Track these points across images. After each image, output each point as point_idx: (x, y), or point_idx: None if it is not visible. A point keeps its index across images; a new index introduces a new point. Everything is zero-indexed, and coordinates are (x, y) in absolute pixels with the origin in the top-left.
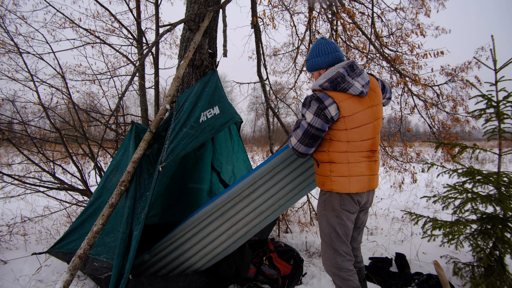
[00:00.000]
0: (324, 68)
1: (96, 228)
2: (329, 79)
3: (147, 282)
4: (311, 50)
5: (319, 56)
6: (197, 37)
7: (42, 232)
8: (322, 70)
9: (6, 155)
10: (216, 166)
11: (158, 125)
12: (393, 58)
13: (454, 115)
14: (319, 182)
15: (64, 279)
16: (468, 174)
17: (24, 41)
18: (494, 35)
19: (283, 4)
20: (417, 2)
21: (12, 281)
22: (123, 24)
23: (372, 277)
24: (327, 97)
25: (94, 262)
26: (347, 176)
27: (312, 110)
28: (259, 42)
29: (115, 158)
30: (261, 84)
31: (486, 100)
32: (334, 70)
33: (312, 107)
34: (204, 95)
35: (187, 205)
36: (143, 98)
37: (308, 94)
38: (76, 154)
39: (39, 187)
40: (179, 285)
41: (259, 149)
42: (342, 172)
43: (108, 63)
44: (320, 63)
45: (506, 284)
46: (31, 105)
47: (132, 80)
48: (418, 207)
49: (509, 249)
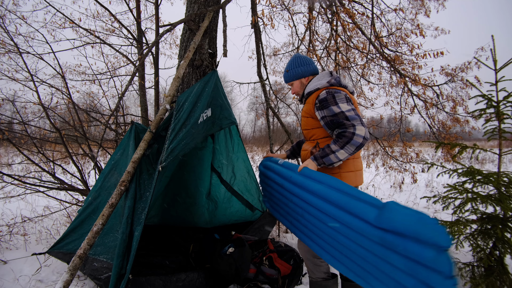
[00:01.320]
0: (307, 77)
1: (96, 228)
2: (333, 77)
3: (147, 282)
4: (290, 62)
5: (302, 66)
6: (197, 37)
7: (42, 232)
8: (304, 79)
9: (6, 155)
10: (217, 166)
11: (158, 125)
12: (393, 58)
13: (454, 115)
14: None
15: (64, 279)
16: (468, 174)
17: (24, 41)
18: (494, 35)
19: (283, 4)
20: (416, 3)
21: (12, 281)
22: (123, 24)
23: None
24: (340, 91)
25: (94, 262)
26: (353, 171)
27: (341, 100)
28: (259, 42)
29: (113, 158)
30: (261, 84)
31: (486, 100)
32: (325, 73)
33: (339, 97)
34: (204, 95)
35: (186, 206)
36: (143, 98)
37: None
38: (76, 154)
39: (39, 187)
40: (179, 285)
41: (259, 149)
42: (349, 168)
43: (108, 63)
44: (304, 71)
45: (506, 284)
46: (31, 105)
47: (132, 80)
48: (418, 207)
49: (509, 249)
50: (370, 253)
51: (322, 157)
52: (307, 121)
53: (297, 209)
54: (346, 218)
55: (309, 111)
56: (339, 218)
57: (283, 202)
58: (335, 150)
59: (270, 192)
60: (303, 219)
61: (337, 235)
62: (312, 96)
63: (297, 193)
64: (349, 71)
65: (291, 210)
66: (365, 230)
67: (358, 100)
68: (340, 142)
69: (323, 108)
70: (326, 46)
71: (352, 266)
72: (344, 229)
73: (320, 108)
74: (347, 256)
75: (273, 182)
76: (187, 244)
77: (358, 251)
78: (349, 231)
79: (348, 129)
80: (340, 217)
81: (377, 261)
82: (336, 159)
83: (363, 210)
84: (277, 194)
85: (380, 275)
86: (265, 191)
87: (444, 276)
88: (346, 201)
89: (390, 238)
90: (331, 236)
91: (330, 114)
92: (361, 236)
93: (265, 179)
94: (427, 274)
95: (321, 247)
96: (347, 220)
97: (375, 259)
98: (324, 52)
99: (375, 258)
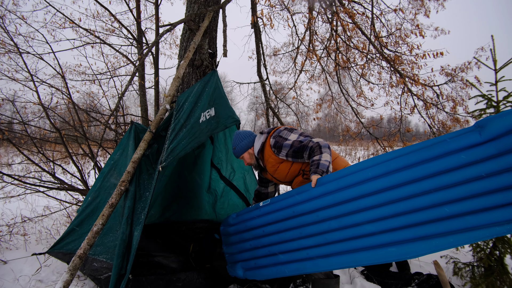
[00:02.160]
0: (251, 146)
1: (96, 228)
2: (265, 131)
3: (147, 282)
4: (233, 140)
5: (245, 139)
6: (197, 37)
7: (42, 232)
8: (251, 149)
9: (6, 155)
10: (216, 163)
11: (158, 125)
12: (392, 59)
13: (454, 115)
14: None
15: (64, 279)
16: None
17: (24, 41)
18: (494, 35)
19: (282, 4)
20: (416, 3)
21: (12, 281)
22: (123, 24)
23: (372, 277)
24: (279, 129)
25: (93, 263)
26: (338, 156)
27: (287, 134)
28: (259, 42)
29: (112, 158)
30: (261, 84)
31: (486, 100)
32: (257, 134)
33: (284, 134)
34: (204, 95)
35: (188, 201)
36: (143, 98)
37: (308, 94)
38: (76, 154)
39: (39, 187)
40: (179, 285)
41: None
42: (334, 156)
43: (108, 63)
44: (248, 142)
45: (506, 284)
46: (31, 105)
47: (132, 80)
48: None
49: (509, 249)
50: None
51: (317, 167)
52: (280, 170)
53: (285, 234)
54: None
55: (275, 161)
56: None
57: (260, 243)
58: (320, 157)
59: (241, 245)
60: (287, 244)
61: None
62: (265, 150)
63: (292, 212)
64: (349, 71)
65: (270, 244)
66: (478, 153)
67: (358, 100)
68: (317, 151)
69: (280, 148)
70: (326, 46)
71: (403, 234)
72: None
73: (279, 150)
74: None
75: (244, 230)
76: (187, 244)
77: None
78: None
79: (310, 145)
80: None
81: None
82: (327, 161)
83: (466, 139)
84: (251, 239)
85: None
86: (230, 251)
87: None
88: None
89: (504, 140)
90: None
91: (287, 148)
92: (474, 165)
93: (230, 235)
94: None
95: (326, 254)
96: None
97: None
98: (324, 52)
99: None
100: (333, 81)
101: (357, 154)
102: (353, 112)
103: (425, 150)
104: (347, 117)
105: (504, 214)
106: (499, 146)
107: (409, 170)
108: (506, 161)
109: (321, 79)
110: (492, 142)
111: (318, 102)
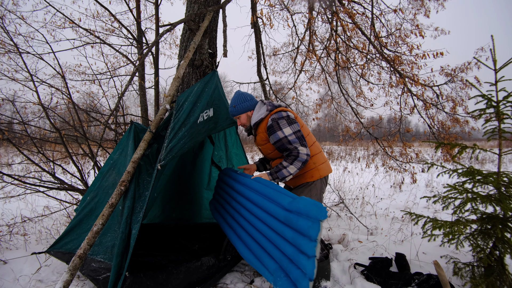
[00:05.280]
0: (252, 110)
1: (96, 228)
2: (267, 104)
3: (146, 277)
4: (235, 98)
5: (247, 101)
6: (197, 37)
7: (42, 232)
8: (250, 112)
9: (6, 155)
10: (217, 161)
11: (158, 125)
12: (392, 59)
13: (453, 116)
14: (308, 177)
15: (64, 279)
16: (468, 174)
17: (24, 41)
18: (494, 35)
19: (282, 3)
20: (416, 3)
21: (12, 281)
22: (123, 24)
23: (372, 277)
24: (281, 113)
25: (92, 263)
26: (324, 163)
27: (284, 125)
28: (259, 42)
29: (111, 158)
30: (261, 84)
31: (486, 100)
32: (260, 104)
33: (282, 123)
34: (204, 95)
35: (187, 198)
36: (143, 98)
37: (308, 94)
38: (76, 154)
39: (39, 187)
40: (180, 277)
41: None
42: (321, 161)
43: (108, 63)
44: (249, 105)
45: (506, 284)
46: (31, 105)
47: (132, 80)
48: (418, 207)
49: (509, 249)
50: (271, 230)
51: (276, 172)
52: (266, 147)
53: (235, 205)
54: (267, 204)
55: (264, 138)
56: (263, 204)
57: (226, 201)
58: (286, 166)
59: (220, 194)
60: (235, 213)
61: (254, 220)
62: (261, 126)
63: (241, 191)
64: (349, 71)
65: (230, 207)
66: (276, 212)
67: (357, 100)
68: (289, 159)
69: (271, 133)
70: (326, 46)
71: (255, 247)
72: (262, 213)
73: (270, 134)
74: (253, 237)
75: (225, 185)
76: (192, 245)
77: (263, 229)
78: (264, 214)
79: (292, 151)
80: (264, 203)
81: (273, 236)
82: (288, 173)
83: (281, 198)
84: (224, 194)
85: (272, 249)
86: (216, 195)
87: (310, 239)
88: (273, 193)
89: (291, 216)
90: (249, 221)
91: (276, 139)
92: (271, 217)
93: (220, 182)
94: (302, 240)
95: (238, 235)
96: (267, 206)
97: (272, 234)
98: (324, 52)
99: (273, 233)
100: (333, 81)
101: (357, 154)
102: (352, 112)
103: (270, 189)
104: (347, 117)
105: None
106: (287, 216)
107: (259, 196)
108: (280, 227)
109: (321, 79)
110: (287, 211)
111: (317, 102)
